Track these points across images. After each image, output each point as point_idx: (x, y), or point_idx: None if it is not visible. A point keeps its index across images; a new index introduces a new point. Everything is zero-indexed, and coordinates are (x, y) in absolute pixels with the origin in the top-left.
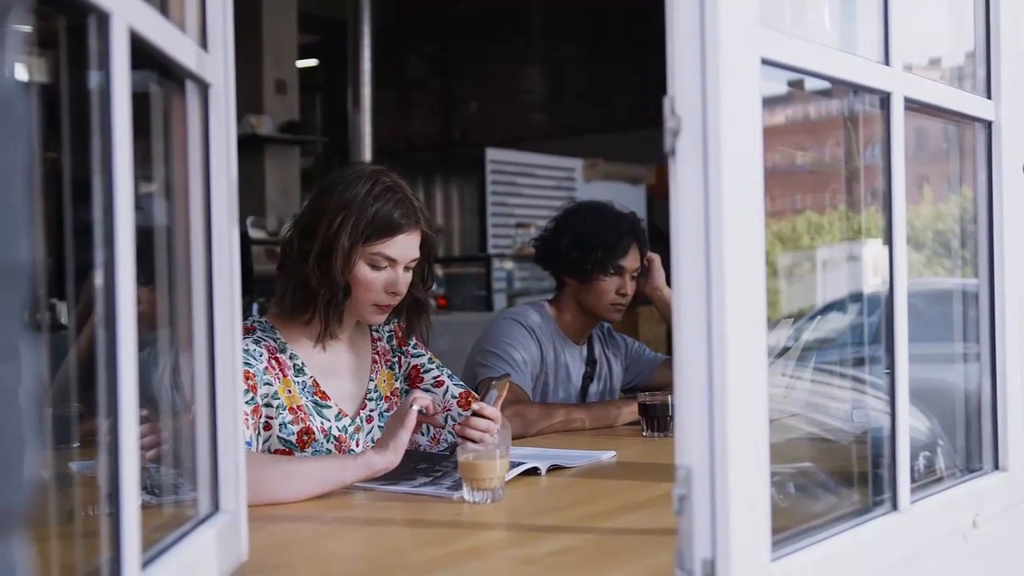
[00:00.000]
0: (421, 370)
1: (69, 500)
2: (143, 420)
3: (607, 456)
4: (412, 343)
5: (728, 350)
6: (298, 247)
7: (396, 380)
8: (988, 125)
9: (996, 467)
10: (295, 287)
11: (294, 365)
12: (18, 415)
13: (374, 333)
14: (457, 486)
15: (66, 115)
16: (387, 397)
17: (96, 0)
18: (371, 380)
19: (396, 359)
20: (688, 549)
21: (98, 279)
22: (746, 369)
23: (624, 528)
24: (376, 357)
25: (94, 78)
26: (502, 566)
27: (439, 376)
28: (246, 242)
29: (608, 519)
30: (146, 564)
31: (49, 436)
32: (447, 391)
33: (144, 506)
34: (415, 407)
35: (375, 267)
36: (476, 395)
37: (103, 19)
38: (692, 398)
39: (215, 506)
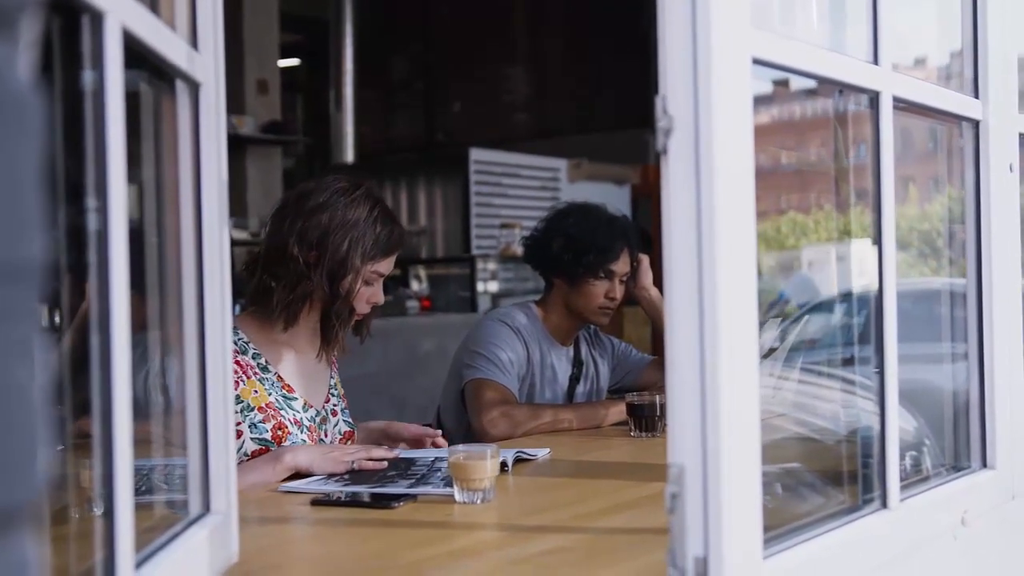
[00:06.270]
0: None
1: (55, 502)
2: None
3: (542, 453)
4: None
5: (720, 348)
6: (302, 259)
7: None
8: (976, 124)
9: (984, 465)
10: (297, 299)
11: (258, 364)
12: (32, 412)
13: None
14: (449, 483)
15: (57, 114)
16: (343, 396)
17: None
18: (332, 377)
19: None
20: (680, 547)
21: (91, 280)
22: (738, 366)
23: (615, 527)
24: (334, 359)
25: (87, 77)
26: (495, 566)
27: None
28: None
29: (599, 519)
30: (138, 565)
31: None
32: (336, 424)
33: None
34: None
35: (368, 283)
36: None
37: (96, 18)
38: (685, 396)
39: (206, 507)
